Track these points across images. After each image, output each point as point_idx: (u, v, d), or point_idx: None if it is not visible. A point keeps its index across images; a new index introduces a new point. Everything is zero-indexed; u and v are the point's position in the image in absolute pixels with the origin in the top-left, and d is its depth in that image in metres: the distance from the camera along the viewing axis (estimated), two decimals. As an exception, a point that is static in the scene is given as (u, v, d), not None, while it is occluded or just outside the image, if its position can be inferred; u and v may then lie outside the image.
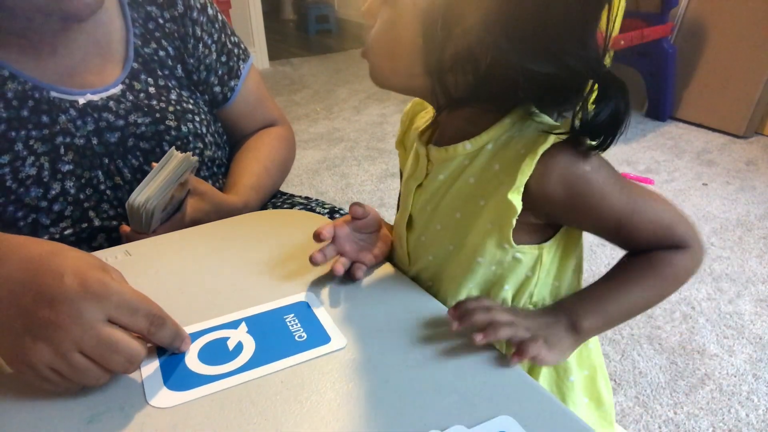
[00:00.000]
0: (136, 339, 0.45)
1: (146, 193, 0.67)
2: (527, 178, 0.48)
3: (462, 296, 0.56)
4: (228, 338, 0.52)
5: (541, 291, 0.56)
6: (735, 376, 1.29)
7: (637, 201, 0.51)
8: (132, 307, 0.45)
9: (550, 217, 0.53)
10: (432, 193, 0.57)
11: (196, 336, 0.52)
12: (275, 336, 0.52)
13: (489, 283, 0.56)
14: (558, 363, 0.54)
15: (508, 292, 0.55)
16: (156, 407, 0.44)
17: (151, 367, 0.48)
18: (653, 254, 0.53)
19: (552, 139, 0.47)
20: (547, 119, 0.52)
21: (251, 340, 0.52)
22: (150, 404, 0.45)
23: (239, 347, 0.51)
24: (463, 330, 0.50)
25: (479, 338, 0.48)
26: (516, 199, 0.49)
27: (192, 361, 0.49)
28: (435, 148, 0.56)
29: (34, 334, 0.42)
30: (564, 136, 0.48)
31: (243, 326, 0.53)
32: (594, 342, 0.60)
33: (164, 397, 0.45)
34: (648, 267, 0.53)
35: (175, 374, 0.48)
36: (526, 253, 0.54)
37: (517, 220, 0.50)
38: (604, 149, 0.48)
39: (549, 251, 0.55)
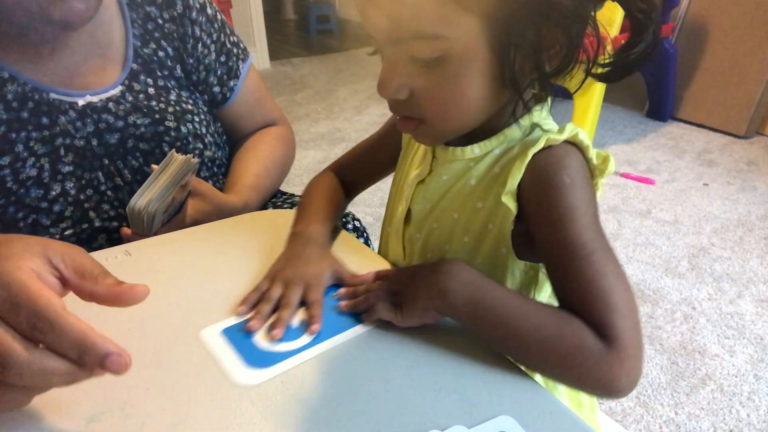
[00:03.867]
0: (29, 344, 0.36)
1: (147, 197, 0.67)
2: (518, 181, 0.48)
3: None
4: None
5: None
6: (736, 377, 1.29)
7: (596, 258, 0.45)
8: (13, 300, 0.35)
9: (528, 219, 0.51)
10: (433, 192, 0.57)
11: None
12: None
13: None
14: (411, 325, 0.50)
15: None
16: (160, 405, 0.44)
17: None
18: (576, 321, 0.45)
19: (543, 141, 0.48)
20: (553, 127, 0.52)
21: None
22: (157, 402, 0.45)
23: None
24: (463, 329, 0.50)
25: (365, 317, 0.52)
26: (510, 201, 0.49)
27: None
28: (441, 147, 0.56)
29: None
30: (559, 140, 0.48)
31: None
32: None
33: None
34: (561, 323, 0.45)
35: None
36: (522, 270, 0.53)
37: (517, 232, 0.50)
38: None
39: (544, 271, 0.54)
